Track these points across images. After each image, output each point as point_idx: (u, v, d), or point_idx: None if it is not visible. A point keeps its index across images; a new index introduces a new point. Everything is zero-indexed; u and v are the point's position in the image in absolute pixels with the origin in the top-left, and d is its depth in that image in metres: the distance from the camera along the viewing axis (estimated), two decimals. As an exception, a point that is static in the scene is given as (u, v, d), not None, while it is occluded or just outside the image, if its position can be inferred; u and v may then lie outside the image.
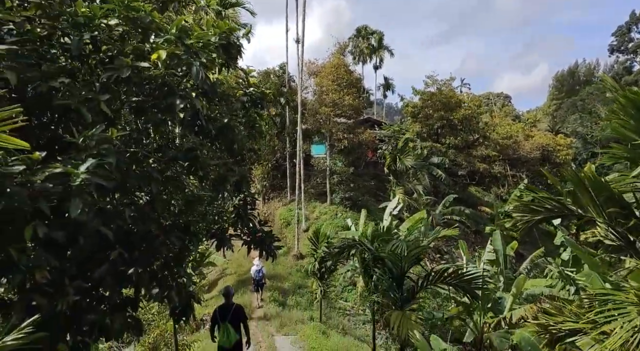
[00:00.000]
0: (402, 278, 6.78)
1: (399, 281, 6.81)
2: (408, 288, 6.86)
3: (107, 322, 4.41)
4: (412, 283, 6.81)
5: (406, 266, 6.71)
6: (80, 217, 3.41)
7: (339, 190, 27.56)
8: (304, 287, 19.36)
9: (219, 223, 6.99)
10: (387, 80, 68.22)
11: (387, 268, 6.92)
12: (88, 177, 3.41)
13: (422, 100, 30.04)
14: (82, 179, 3.39)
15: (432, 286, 6.67)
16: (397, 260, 6.69)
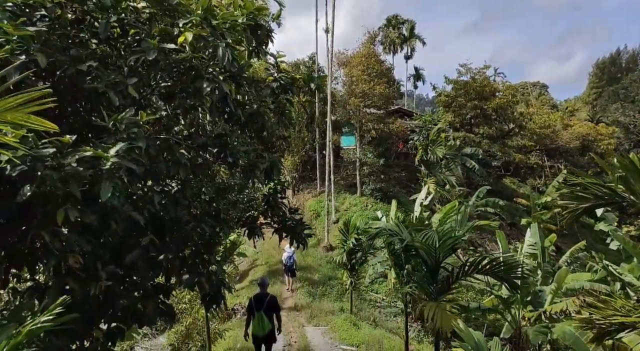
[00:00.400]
0: (437, 269, 6.53)
1: (433, 271, 6.57)
2: (442, 279, 6.61)
3: (139, 308, 4.42)
4: (447, 274, 6.56)
5: (441, 256, 6.46)
6: (111, 201, 3.37)
7: (369, 181, 27.25)
8: (334, 279, 19.28)
9: (249, 212, 6.95)
10: (418, 71, 66.89)
11: (422, 258, 6.68)
12: (118, 160, 3.36)
13: (455, 89, 29.20)
14: (112, 163, 3.35)
15: (469, 276, 6.40)
16: (430, 250, 6.44)
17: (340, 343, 11.69)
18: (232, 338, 12.08)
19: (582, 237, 26.90)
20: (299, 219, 6.79)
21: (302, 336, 12.51)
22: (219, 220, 5.25)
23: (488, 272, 6.10)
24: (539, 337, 7.27)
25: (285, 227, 6.67)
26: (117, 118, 3.60)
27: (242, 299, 16.92)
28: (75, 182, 3.15)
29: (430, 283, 6.68)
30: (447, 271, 6.60)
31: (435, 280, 6.62)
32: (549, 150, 30.77)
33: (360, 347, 11.15)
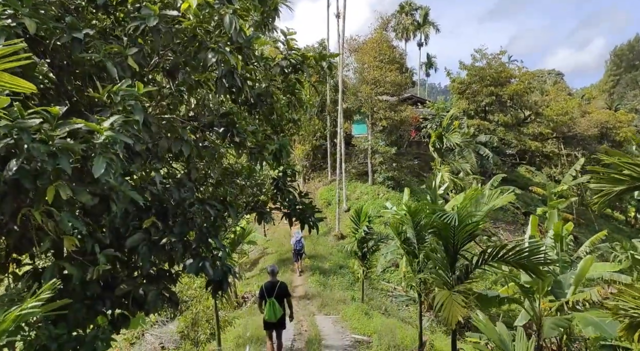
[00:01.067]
0: (455, 256, 6.22)
1: (451, 259, 6.25)
2: (461, 267, 6.30)
3: (141, 294, 4.19)
4: (466, 262, 6.24)
5: (460, 243, 6.14)
6: (106, 179, 3.11)
7: (381, 169, 26.86)
8: (345, 267, 19.06)
9: (257, 196, 6.69)
10: (430, 59, 65.81)
11: (440, 244, 6.37)
12: (112, 134, 3.09)
13: (470, 75, 28.50)
14: (106, 136, 3.08)
15: (489, 264, 6.07)
16: (449, 235, 6.12)
17: (352, 333, 11.47)
18: (242, 326, 11.94)
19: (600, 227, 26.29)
20: (309, 202, 6.50)
21: (313, 325, 12.32)
22: (225, 204, 4.98)
23: (511, 260, 5.76)
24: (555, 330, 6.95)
25: (295, 212, 6.40)
26: (113, 89, 3.33)
27: (252, 287, 16.80)
28: (66, 156, 2.89)
29: (448, 271, 6.37)
30: (465, 260, 6.27)
31: (453, 268, 6.30)
32: (566, 138, 29.97)
33: (373, 337, 10.92)
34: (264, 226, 23.92)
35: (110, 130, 3.12)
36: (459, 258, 6.33)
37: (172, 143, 4.11)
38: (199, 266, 4.25)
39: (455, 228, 5.99)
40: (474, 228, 6.05)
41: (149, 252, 4.23)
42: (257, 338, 10.83)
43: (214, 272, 4.33)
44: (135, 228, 4.24)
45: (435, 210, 5.84)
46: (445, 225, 5.91)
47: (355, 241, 14.37)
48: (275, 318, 7.78)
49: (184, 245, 4.33)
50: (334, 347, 10.28)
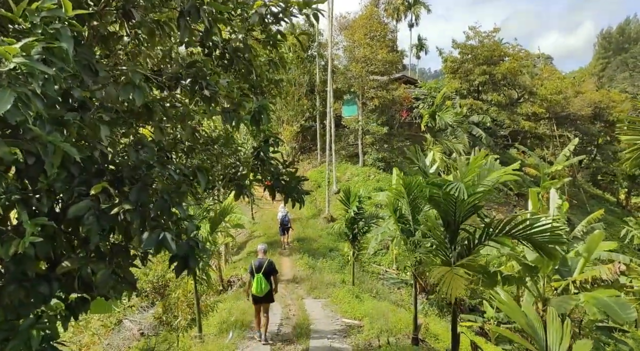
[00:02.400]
0: (456, 231, 5.59)
1: (452, 234, 5.63)
2: (462, 242, 5.68)
3: (89, 272, 3.48)
4: (468, 235, 5.61)
5: (461, 216, 5.51)
6: (17, 120, 2.37)
7: (371, 151, 26.21)
8: (335, 250, 18.52)
9: (236, 168, 5.97)
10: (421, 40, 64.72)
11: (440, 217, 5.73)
12: (25, 61, 2.34)
13: (462, 53, 27.75)
14: (16, 64, 2.33)
15: (493, 240, 5.46)
16: (450, 208, 5.49)
17: (342, 317, 10.92)
18: (226, 310, 11.32)
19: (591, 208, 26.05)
20: (294, 173, 5.79)
21: (301, 308, 11.75)
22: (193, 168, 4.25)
23: (519, 236, 5.14)
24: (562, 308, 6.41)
25: (278, 184, 5.69)
26: (30, 7, 2.56)
27: (238, 271, 16.17)
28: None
29: (447, 247, 5.74)
30: (468, 234, 5.64)
31: (454, 244, 5.68)
32: (559, 118, 29.51)
33: (364, 320, 10.37)
34: (251, 209, 23.24)
35: (24, 56, 2.37)
36: (460, 233, 5.70)
37: (121, 89, 3.35)
38: (158, 239, 3.52)
39: (458, 200, 5.35)
40: (478, 200, 5.42)
41: (98, 222, 3.50)
42: (241, 323, 10.23)
43: (177, 247, 3.62)
44: (82, 196, 3.51)
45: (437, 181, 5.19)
46: (447, 197, 5.26)
47: (344, 221, 13.75)
48: (262, 292, 8.34)
49: (142, 215, 3.61)
50: (323, 332, 9.71)
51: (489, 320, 11.85)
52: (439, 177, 7.21)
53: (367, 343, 9.08)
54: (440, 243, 5.77)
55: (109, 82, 3.42)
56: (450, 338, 10.04)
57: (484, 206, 5.49)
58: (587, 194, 28.95)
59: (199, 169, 4.15)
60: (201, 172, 4.15)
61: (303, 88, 27.79)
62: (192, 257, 3.77)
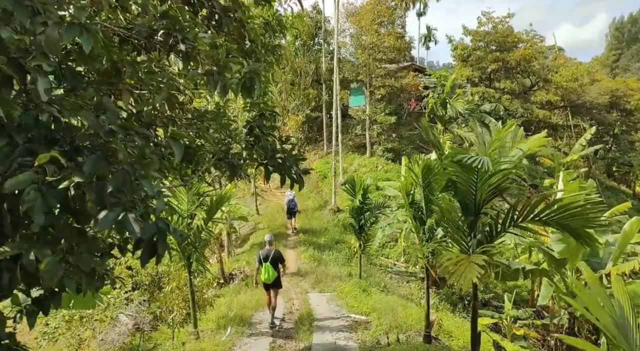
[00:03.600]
0: (477, 215, 4.88)
1: (471, 219, 4.92)
2: (483, 229, 4.97)
3: (31, 260, 2.84)
4: (490, 221, 4.90)
5: (482, 199, 4.80)
6: None
7: (379, 141, 25.43)
8: (341, 242, 17.84)
9: (227, 144, 5.30)
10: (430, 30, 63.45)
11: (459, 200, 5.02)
12: None
13: (474, 40, 26.76)
14: None
15: (519, 226, 4.74)
16: (469, 189, 4.77)
17: (348, 311, 10.26)
18: (226, 305, 10.71)
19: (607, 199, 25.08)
20: (291, 150, 5.10)
21: (305, 303, 11.12)
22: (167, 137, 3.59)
23: (550, 220, 4.42)
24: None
25: (273, 162, 5.00)
26: None
27: (240, 264, 15.57)
28: None
29: (466, 233, 5.03)
30: (491, 219, 4.93)
31: (473, 230, 4.96)
32: (574, 107, 28.41)
33: (371, 316, 9.71)
34: (255, 201, 22.62)
35: None
36: (481, 218, 4.98)
37: (65, 31, 2.67)
38: (116, 219, 2.86)
39: (479, 179, 4.63)
40: (502, 179, 4.70)
41: (42, 199, 2.85)
42: (240, 318, 9.62)
43: (143, 230, 2.96)
44: (26, 167, 2.86)
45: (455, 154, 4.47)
46: (466, 175, 4.55)
47: (349, 211, 13.08)
48: (270, 280, 8.87)
49: (98, 190, 2.95)
50: (327, 328, 9.07)
51: (515, 318, 11.11)
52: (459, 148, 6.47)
53: (375, 340, 8.42)
54: (457, 229, 5.06)
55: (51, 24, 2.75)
56: (465, 336, 9.39)
57: (509, 187, 4.75)
58: (603, 186, 27.92)
59: (173, 138, 3.47)
60: (176, 141, 3.46)
61: (309, 77, 27.05)
62: (162, 242, 3.08)
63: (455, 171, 4.70)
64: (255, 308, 10.70)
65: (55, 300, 3.43)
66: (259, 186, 25.01)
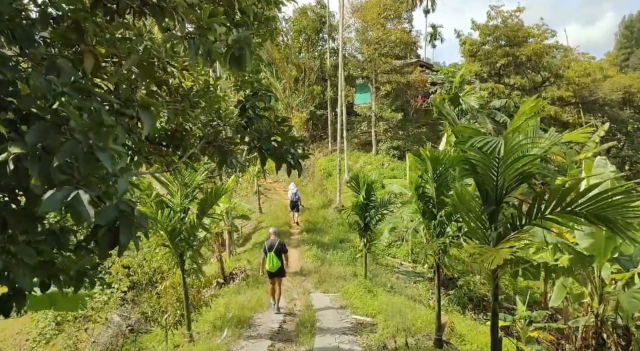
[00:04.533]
0: (498, 204, 4.29)
1: (492, 210, 4.33)
2: (505, 221, 4.38)
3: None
4: (513, 212, 4.31)
5: (506, 186, 4.21)
6: None
7: (385, 138, 24.82)
8: (346, 241, 17.25)
9: (216, 126, 4.75)
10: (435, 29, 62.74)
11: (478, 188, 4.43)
12: None
13: (483, 35, 26.07)
14: None
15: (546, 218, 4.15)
16: (489, 176, 4.19)
17: (353, 313, 9.68)
18: (224, 305, 10.18)
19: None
20: (288, 131, 4.53)
21: (308, 303, 10.55)
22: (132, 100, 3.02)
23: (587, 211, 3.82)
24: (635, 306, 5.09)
25: (267, 145, 4.44)
26: None
27: (241, 263, 15.03)
28: None
29: (484, 226, 4.44)
30: (514, 208, 4.33)
31: (494, 221, 4.37)
32: (587, 103, 27.61)
33: (377, 318, 9.12)
34: (258, 199, 22.09)
35: None
36: (503, 208, 4.39)
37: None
38: (64, 200, 2.31)
39: (501, 163, 4.05)
40: (529, 165, 4.11)
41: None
42: (238, 319, 9.07)
43: (100, 214, 2.40)
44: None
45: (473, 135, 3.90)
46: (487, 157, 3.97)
47: (352, 207, 12.52)
48: (274, 268, 9.43)
49: (44, 164, 2.42)
50: (330, 330, 8.49)
51: (530, 321, 10.47)
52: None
53: (381, 343, 7.83)
54: (476, 220, 4.47)
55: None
56: (479, 340, 8.77)
57: (536, 174, 4.16)
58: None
59: (142, 106, 2.91)
60: (146, 110, 2.90)
61: (314, 74, 26.50)
62: (125, 229, 2.52)
63: (473, 154, 4.12)
64: (255, 309, 10.16)
65: (18, 301, 2.92)
66: (263, 184, 24.51)
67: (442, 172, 6.53)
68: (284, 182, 24.78)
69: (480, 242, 4.53)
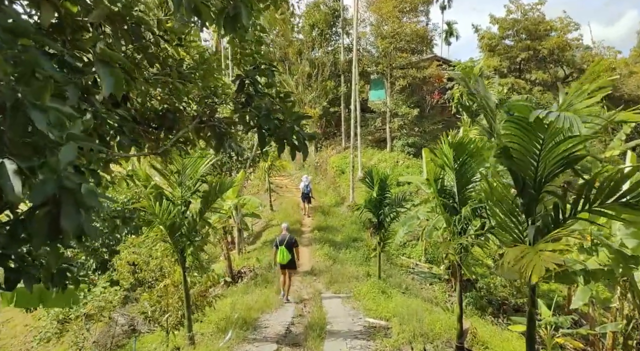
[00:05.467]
0: (538, 194, 3.65)
1: (529, 202, 3.69)
2: (545, 214, 3.74)
3: None
4: (555, 203, 3.66)
5: (547, 173, 3.57)
6: None
7: (400, 135, 24.10)
8: (359, 240, 16.62)
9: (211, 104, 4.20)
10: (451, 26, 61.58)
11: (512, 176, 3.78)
12: None
13: (502, 29, 25.17)
14: None
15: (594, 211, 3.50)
16: (527, 161, 3.55)
17: (366, 315, 9.07)
18: (230, 305, 9.66)
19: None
20: (291, 106, 3.95)
21: (318, 305, 9.97)
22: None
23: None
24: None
25: (269, 123, 3.86)
26: None
27: (250, 262, 14.52)
28: None
29: (521, 221, 3.80)
30: (556, 198, 3.68)
31: (532, 214, 3.73)
32: (612, 99, 26.49)
33: (392, 321, 8.49)
34: (269, 197, 21.57)
35: None
36: (543, 199, 3.75)
37: None
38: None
39: (544, 145, 3.41)
40: (577, 147, 3.46)
41: None
42: (244, 321, 8.54)
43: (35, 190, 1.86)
44: None
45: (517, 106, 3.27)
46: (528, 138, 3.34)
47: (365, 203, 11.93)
48: (284, 261, 10.11)
49: None
50: (341, 334, 7.89)
51: (556, 326, 9.72)
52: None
53: (397, 350, 7.21)
54: (509, 212, 3.83)
55: None
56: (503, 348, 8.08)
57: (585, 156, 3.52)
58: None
59: (101, 60, 2.34)
60: (105, 65, 2.33)
61: (327, 69, 25.91)
62: (68, 209, 1.95)
63: (511, 133, 3.49)
64: (262, 310, 9.62)
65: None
66: (274, 181, 24.02)
67: (465, 161, 5.88)
68: (296, 179, 24.23)
69: (513, 238, 3.90)
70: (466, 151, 5.71)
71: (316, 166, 26.31)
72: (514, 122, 3.43)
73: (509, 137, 3.61)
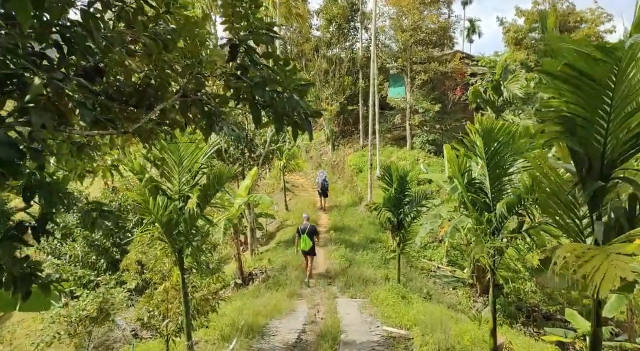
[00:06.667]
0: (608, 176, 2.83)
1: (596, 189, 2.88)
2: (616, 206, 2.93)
3: None
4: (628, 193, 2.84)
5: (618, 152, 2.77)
6: None
7: (420, 132, 23.16)
8: (377, 241, 15.79)
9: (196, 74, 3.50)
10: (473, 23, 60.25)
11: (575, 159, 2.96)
12: None
13: (529, 21, 23.97)
14: None
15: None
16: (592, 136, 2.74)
17: (384, 323, 8.28)
18: (237, 310, 8.98)
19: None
20: (291, 73, 3.21)
21: (332, 310, 9.21)
22: None
23: None
24: None
25: (264, 94, 3.14)
26: None
27: (263, 263, 13.84)
28: None
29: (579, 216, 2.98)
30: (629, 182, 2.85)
31: (597, 209, 2.91)
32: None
33: (413, 330, 7.67)
34: (284, 196, 20.90)
35: None
36: (612, 187, 2.93)
37: None
38: None
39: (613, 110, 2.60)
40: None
41: None
42: (250, 328, 7.85)
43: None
44: None
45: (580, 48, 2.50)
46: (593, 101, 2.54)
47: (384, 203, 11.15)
48: (307, 247, 11.38)
49: None
50: (356, 345, 7.12)
51: (583, 337, 8.76)
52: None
53: (419, 365, 6.40)
54: (564, 205, 3.02)
55: None
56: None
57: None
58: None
59: None
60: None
61: (344, 65, 25.15)
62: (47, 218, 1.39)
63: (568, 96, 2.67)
64: (272, 316, 8.92)
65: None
66: (290, 181, 23.39)
67: (497, 149, 5.06)
68: (312, 179, 23.50)
69: (569, 237, 3.08)
70: (499, 137, 4.89)
71: (333, 165, 25.54)
72: (563, 79, 2.59)
73: (563, 105, 2.79)
